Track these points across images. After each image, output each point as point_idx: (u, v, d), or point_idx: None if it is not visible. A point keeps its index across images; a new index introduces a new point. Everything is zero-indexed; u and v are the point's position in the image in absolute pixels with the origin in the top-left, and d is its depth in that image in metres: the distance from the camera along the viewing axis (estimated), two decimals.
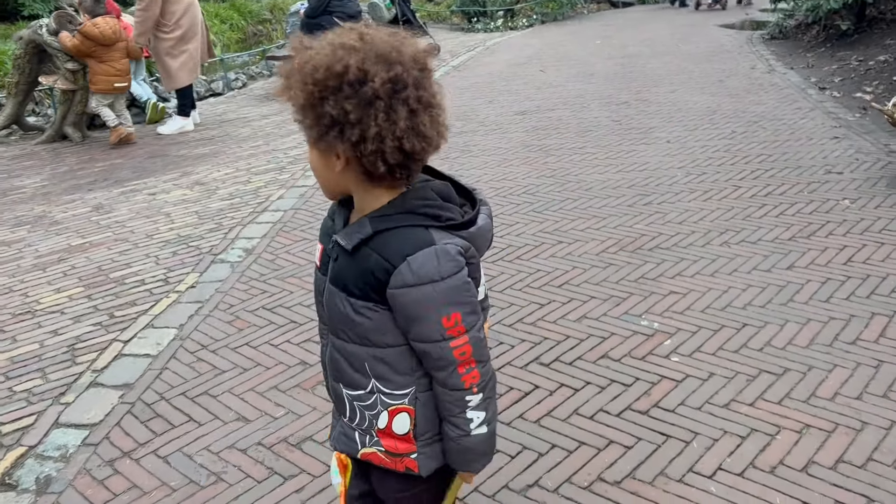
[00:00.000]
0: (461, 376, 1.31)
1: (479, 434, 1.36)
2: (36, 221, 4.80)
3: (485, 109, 7.28)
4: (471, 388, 1.32)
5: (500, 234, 4.09)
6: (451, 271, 1.24)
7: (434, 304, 1.25)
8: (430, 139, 1.21)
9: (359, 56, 1.16)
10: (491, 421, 1.37)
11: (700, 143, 5.52)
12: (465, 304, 1.27)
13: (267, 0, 15.51)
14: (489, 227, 1.36)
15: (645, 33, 12.03)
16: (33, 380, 2.95)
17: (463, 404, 1.33)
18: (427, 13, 16.31)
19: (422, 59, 1.21)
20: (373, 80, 1.15)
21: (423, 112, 1.19)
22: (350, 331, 1.35)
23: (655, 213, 4.23)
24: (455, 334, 1.27)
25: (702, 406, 2.51)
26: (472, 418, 1.34)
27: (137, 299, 3.61)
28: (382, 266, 1.25)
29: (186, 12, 6.87)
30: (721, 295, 3.24)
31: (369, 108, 1.16)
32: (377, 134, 1.16)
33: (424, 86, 1.20)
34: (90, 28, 6.42)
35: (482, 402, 1.34)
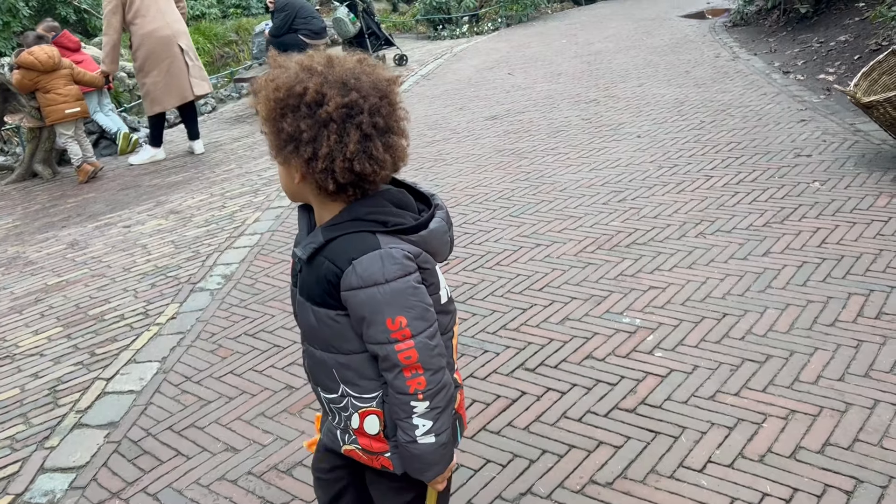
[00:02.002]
0: (406, 380, 1.33)
1: (426, 443, 1.37)
2: (10, 263, 4.75)
3: (456, 117, 7.30)
4: (415, 394, 1.33)
5: (478, 240, 4.10)
6: (396, 274, 1.29)
7: (378, 306, 1.29)
8: (383, 163, 1.27)
9: (318, 80, 1.25)
10: (440, 432, 1.37)
11: (670, 136, 5.56)
12: (411, 308, 1.30)
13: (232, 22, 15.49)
14: (444, 230, 1.40)
15: (609, 29, 12.13)
16: (16, 425, 2.91)
17: (409, 409, 1.35)
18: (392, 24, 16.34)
19: (383, 87, 1.29)
20: (328, 103, 1.23)
21: (378, 137, 1.26)
22: (317, 339, 1.42)
23: (630, 209, 4.26)
24: (399, 338, 1.31)
25: (688, 400, 2.53)
26: (418, 425, 1.36)
27: (118, 335, 3.57)
28: (333, 271, 1.31)
29: (141, 45, 6.80)
30: (700, 286, 3.27)
31: (323, 129, 1.24)
32: (328, 154, 1.24)
33: (382, 113, 1.27)
34: (25, 57, 6.37)
35: (429, 411, 1.35)
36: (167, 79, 6.91)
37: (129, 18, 6.69)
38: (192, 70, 6.99)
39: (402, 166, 1.33)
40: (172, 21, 6.88)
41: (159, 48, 6.82)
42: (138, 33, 6.75)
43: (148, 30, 6.73)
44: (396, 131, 1.30)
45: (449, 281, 3.66)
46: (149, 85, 6.86)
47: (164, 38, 6.82)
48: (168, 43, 6.83)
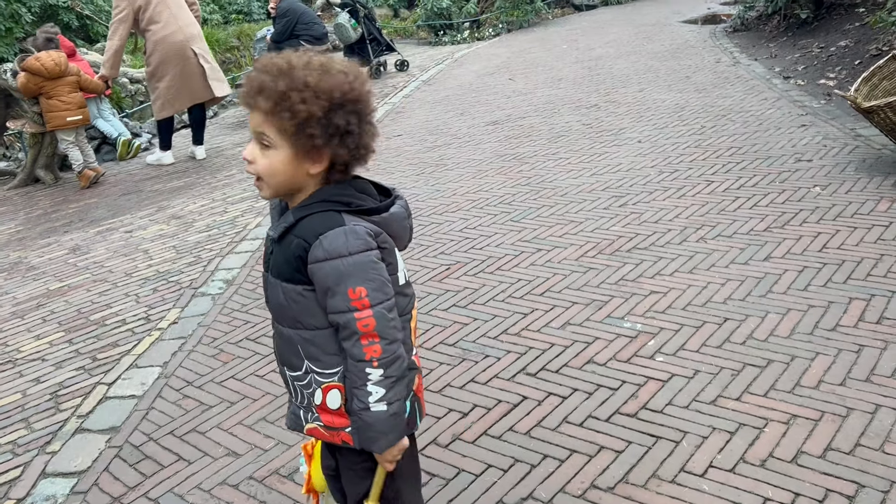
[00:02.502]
0: (363, 347, 1.43)
1: (378, 411, 1.46)
2: (12, 268, 4.76)
3: (457, 122, 7.31)
4: (370, 360, 1.44)
5: (479, 245, 4.10)
6: (359, 248, 1.42)
7: (341, 277, 1.41)
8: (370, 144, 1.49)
9: (358, 82, 1.44)
10: (392, 401, 1.46)
11: (671, 141, 5.57)
12: (371, 280, 1.43)
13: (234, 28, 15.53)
14: (403, 215, 1.55)
15: (609, 35, 12.15)
16: (17, 430, 2.92)
17: (364, 377, 1.45)
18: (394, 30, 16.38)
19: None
20: (368, 102, 1.45)
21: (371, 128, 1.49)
22: (285, 316, 1.53)
23: (631, 213, 4.26)
24: (359, 307, 1.42)
25: (689, 404, 2.53)
26: (372, 392, 1.45)
27: (119, 340, 3.58)
28: (302, 246, 1.44)
29: (155, 51, 6.81)
30: (701, 291, 3.27)
31: (362, 124, 1.44)
32: (363, 142, 1.45)
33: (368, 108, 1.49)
34: (32, 62, 6.39)
35: (383, 379, 1.45)
36: (180, 82, 6.88)
37: (143, 26, 6.70)
38: (208, 73, 6.97)
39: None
40: (185, 25, 6.88)
41: (172, 53, 6.81)
42: (152, 39, 6.77)
43: (161, 35, 6.74)
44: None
45: (450, 286, 3.66)
46: (161, 89, 6.86)
47: (178, 44, 6.80)
48: (181, 48, 6.82)
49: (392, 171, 5.85)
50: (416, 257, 4.07)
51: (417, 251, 4.15)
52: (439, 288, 3.65)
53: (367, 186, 1.53)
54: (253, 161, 1.45)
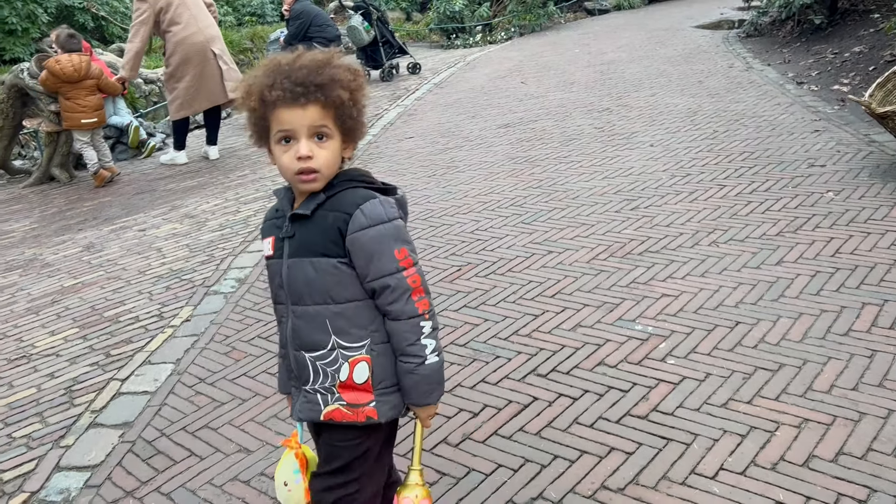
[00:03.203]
0: (415, 303, 1.55)
1: (434, 362, 1.58)
2: (27, 265, 4.80)
3: (468, 125, 7.33)
4: (423, 313, 1.56)
5: (490, 247, 4.11)
6: (395, 215, 1.55)
7: (387, 239, 1.52)
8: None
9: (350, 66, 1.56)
10: (440, 352, 1.60)
11: (683, 145, 5.56)
12: (408, 242, 1.57)
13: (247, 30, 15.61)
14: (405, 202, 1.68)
15: (622, 39, 12.14)
16: (32, 424, 2.95)
17: (418, 331, 1.55)
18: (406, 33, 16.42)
19: None
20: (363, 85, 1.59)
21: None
22: (314, 292, 1.57)
23: (643, 217, 4.26)
24: (406, 265, 1.54)
25: (700, 407, 2.52)
26: (427, 345, 1.57)
27: (133, 336, 3.61)
28: (341, 217, 1.53)
29: (175, 52, 6.85)
30: (713, 295, 3.27)
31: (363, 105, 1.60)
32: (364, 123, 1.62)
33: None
34: (52, 64, 6.45)
35: (433, 331, 1.58)
36: (199, 83, 6.91)
37: (164, 27, 6.75)
38: (225, 74, 7.00)
39: None
40: (205, 27, 6.93)
41: (192, 54, 6.85)
42: (172, 40, 6.81)
43: (181, 36, 6.78)
44: None
45: (461, 287, 3.67)
46: (180, 90, 6.91)
47: (198, 45, 6.85)
48: (202, 49, 6.86)
49: (403, 173, 5.87)
50: (428, 258, 4.08)
51: (429, 252, 4.16)
52: (450, 289, 3.67)
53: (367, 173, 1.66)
54: (313, 156, 1.51)
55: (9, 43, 12.04)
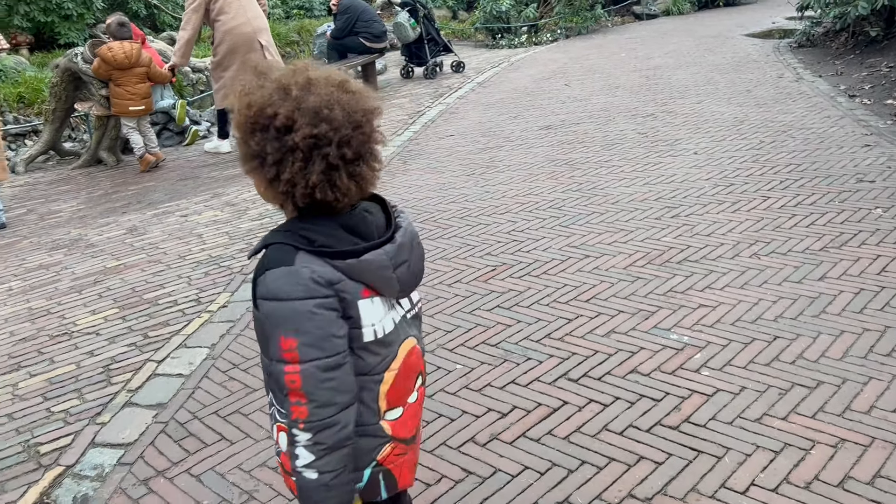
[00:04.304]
0: (290, 405, 1.27)
1: (307, 478, 1.29)
2: (72, 244, 4.92)
3: (510, 125, 7.31)
4: (296, 422, 1.27)
5: (526, 248, 4.10)
6: (297, 294, 1.24)
7: (276, 321, 1.26)
8: (347, 191, 1.25)
9: (291, 105, 1.22)
10: (324, 472, 1.28)
11: (728, 154, 5.47)
12: (305, 333, 1.24)
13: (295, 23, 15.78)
14: (383, 264, 1.31)
15: (669, 45, 11.99)
16: (70, 400, 3.02)
17: (292, 436, 1.29)
18: (451, 31, 16.43)
19: (357, 119, 1.25)
20: (297, 131, 1.21)
21: (344, 167, 1.24)
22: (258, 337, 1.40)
23: (683, 225, 4.21)
24: (288, 359, 1.25)
25: (733, 421, 2.48)
26: (300, 455, 1.28)
27: (170, 319, 3.67)
28: (256, 276, 1.31)
29: (223, 41, 6.96)
30: (751, 307, 3.21)
31: (288, 155, 1.23)
32: (290, 179, 1.23)
33: (353, 144, 1.24)
34: (104, 51, 6.60)
35: (312, 445, 1.27)
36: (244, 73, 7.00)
37: (213, 16, 6.87)
38: None
39: (370, 190, 1.33)
40: (253, 17, 7.03)
41: (240, 44, 6.94)
42: (221, 30, 6.92)
43: (230, 26, 6.88)
44: (367, 159, 1.28)
45: (495, 287, 3.66)
46: (226, 79, 7.01)
47: (246, 35, 6.94)
48: (249, 39, 6.96)
49: (442, 171, 5.88)
50: (462, 256, 4.08)
51: (464, 250, 4.16)
52: (484, 288, 3.66)
53: (359, 220, 1.33)
54: None
55: (64, 27, 12.34)
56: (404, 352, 1.40)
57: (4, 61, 9.69)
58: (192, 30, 6.92)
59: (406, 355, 1.41)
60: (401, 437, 1.43)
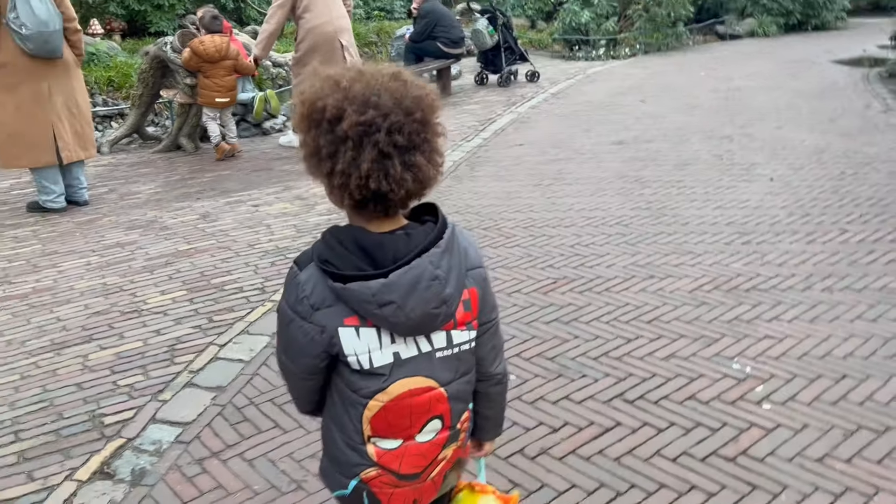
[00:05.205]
0: None
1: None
2: (148, 226, 5.10)
3: (581, 138, 7.24)
4: None
5: (589, 263, 4.05)
6: (289, 298, 1.33)
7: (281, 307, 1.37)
8: (402, 181, 1.22)
9: (339, 96, 1.23)
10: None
11: (806, 183, 5.30)
12: (280, 333, 1.38)
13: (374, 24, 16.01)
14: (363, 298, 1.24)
15: (752, 67, 11.69)
16: (135, 376, 3.13)
17: None
18: (529, 40, 16.38)
19: (407, 105, 1.23)
20: (345, 120, 1.21)
21: (397, 156, 1.22)
22: None
23: (754, 252, 4.09)
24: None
25: (793, 458, 2.40)
26: None
27: (235, 305, 3.77)
28: None
29: (305, 38, 7.10)
30: (820, 343, 3.10)
31: (340, 146, 1.22)
32: (344, 170, 1.22)
33: (404, 131, 1.22)
34: (196, 44, 6.82)
35: None
36: None
37: (299, 13, 7.03)
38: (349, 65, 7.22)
39: (432, 186, 1.28)
40: (336, 17, 7.15)
41: (321, 42, 7.07)
42: (304, 27, 7.07)
43: (313, 24, 7.03)
44: (423, 149, 1.25)
45: (554, 300, 3.63)
46: (305, 75, 7.14)
47: (328, 34, 7.07)
48: (330, 38, 7.09)
49: (509, 179, 5.87)
50: (524, 267, 4.06)
51: (525, 261, 4.15)
52: (543, 301, 3.64)
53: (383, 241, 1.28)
54: None
55: (155, 17, 12.81)
56: (402, 388, 1.32)
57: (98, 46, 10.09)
58: (276, 24, 7.08)
59: (405, 393, 1.33)
60: (392, 469, 1.38)
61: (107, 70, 9.16)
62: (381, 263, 1.26)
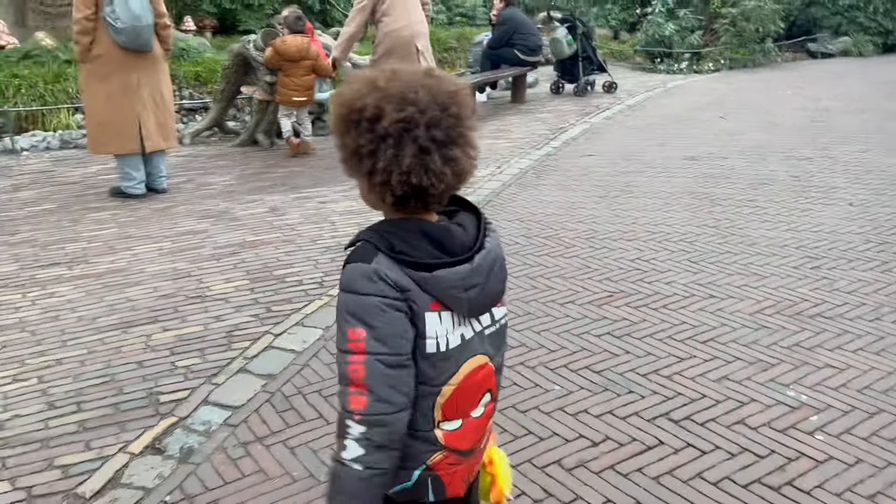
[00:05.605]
0: (349, 395, 1.29)
1: (352, 469, 1.29)
2: (219, 216, 5.29)
3: (653, 151, 7.12)
4: (353, 413, 1.28)
5: (648, 279, 3.99)
6: (369, 291, 1.27)
7: (346, 311, 1.29)
8: (442, 175, 1.26)
9: (377, 95, 1.26)
10: (371, 466, 1.28)
11: (887, 210, 5.07)
12: (374, 327, 1.26)
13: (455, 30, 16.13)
14: (452, 283, 1.30)
15: (842, 87, 11.24)
16: (193, 358, 3.25)
17: (344, 428, 1.30)
18: (610, 51, 16.20)
19: (443, 100, 1.27)
20: (385, 118, 1.24)
21: (436, 150, 1.25)
22: None
23: (823, 278, 3.94)
24: (354, 349, 1.27)
25: (842, 493, 2.31)
26: (347, 447, 1.29)
27: (293, 297, 3.87)
28: (343, 267, 1.34)
29: (382, 41, 7.23)
30: (884, 376, 2.96)
31: (381, 144, 1.25)
32: (385, 167, 1.25)
33: (442, 126, 1.26)
34: (278, 43, 7.04)
35: (363, 439, 1.28)
36: None
37: (378, 17, 7.17)
38: None
39: (467, 179, 1.32)
40: (414, 22, 7.26)
41: (398, 45, 7.18)
42: (383, 30, 7.20)
43: (391, 28, 7.15)
44: (460, 143, 1.29)
45: (608, 314, 3.59)
46: None
47: (404, 38, 7.17)
48: (407, 42, 7.18)
49: (575, 189, 5.82)
50: (580, 278, 4.03)
51: (582, 272, 4.11)
52: (597, 313, 3.60)
53: (443, 232, 1.33)
54: None
55: (244, 15, 13.27)
56: (468, 369, 1.38)
57: (189, 42, 10.52)
58: (356, 27, 7.23)
59: (470, 372, 1.38)
60: (456, 448, 1.41)
61: (195, 65, 9.53)
62: (450, 251, 1.32)
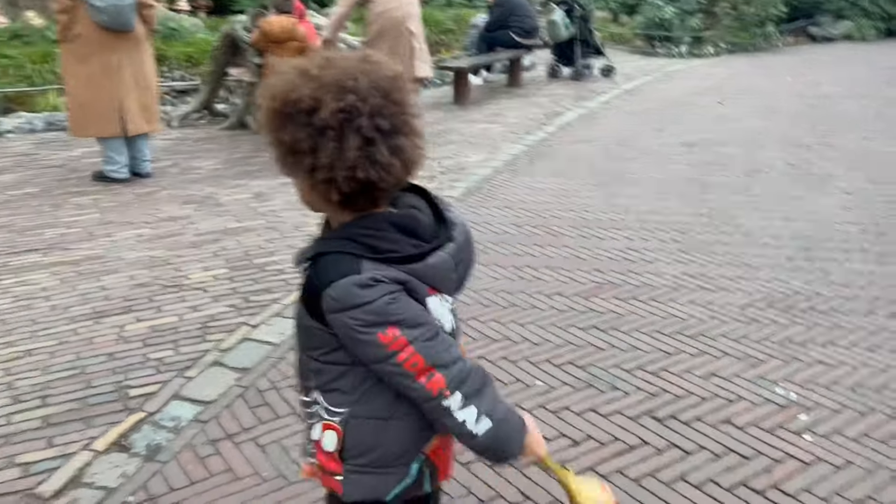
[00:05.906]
0: (424, 385, 1.25)
1: (486, 430, 1.29)
2: (203, 201, 5.18)
3: (649, 137, 7.00)
4: (440, 393, 1.25)
5: (636, 269, 3.89)
6: (374, 295, 1.20)
7: (363, 325, 1.21)
8: (390, 167, 1.18)
9: (313, 85, 1.16)
10: (491, 412, 1.29)
11: (885, 199, 4.96)
12: (400, 319, 1.22)
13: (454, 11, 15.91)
14: (447, 265, 1.29)
15: (844, 72, 11.09)
16: (166, 350, 3.16)
17: (443, 411, 1.27)
18: (609, 34, 15.98)
19: (385, 86, 1.18)
20: (323, 109, 1.15)
21: (382, 141, 1.17)
22: (300, 339, 1.38)
23: (817, 270, 3.85)
24: (398, 348, 1.22)
25: (830, 497, 2.23)
26: (464, 419, 1.28)
27: (273, 287, 3.77)
28: (314, 287, 1.25)
29: (374, 22, 7.09)
30: (877, 374, 2.87)
31: (321, 138, 1.16)
32: (328, 163, 1.16)
33: (385, 113, 1.17)
34: (264, 24, 6.90)
35: (466, 400, 1.27)
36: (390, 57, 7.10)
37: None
38: (416, 53, 7.16)
39: (417, 170, 1.24)
40: (406, 3, 7.13)
41: (389, 27, 7.06)
42: (374, 11, 7.08)
43: (383, 9, 7.03)
44: (405, 132, 1.20)
45: (595, 306, 3.50)
46: None
47: (396, 19, 7.05)
48: (398, 24, 7.06)
49: (569, 176, 5.71)
50: (568, 268, 3.93)
51: (571, 262, 4.01)
52: (583, 305, 3.50)
53: (410, 220, 1.28)
54: None
55: None
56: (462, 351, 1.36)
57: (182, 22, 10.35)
58: (346, 7, 7.09)
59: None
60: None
61: (186, 46, 9.38)
62: (422, 236, 1.28)
